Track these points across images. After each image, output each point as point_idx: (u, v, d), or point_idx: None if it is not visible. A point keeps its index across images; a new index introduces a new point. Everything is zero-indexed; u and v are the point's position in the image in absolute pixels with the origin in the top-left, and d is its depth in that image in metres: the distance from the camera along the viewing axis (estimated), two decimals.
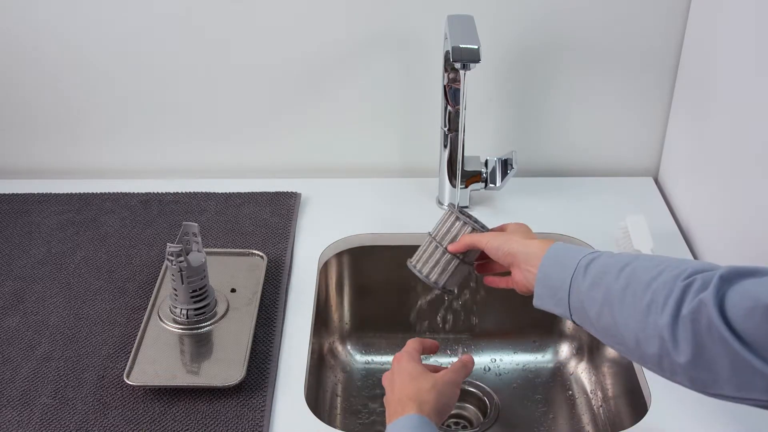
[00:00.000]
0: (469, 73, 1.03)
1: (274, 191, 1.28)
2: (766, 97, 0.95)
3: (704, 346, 0.65)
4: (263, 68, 1.25)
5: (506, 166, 1.22)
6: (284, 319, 1.05)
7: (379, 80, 1.26)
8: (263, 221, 1.22)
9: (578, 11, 1.20)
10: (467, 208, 1.25)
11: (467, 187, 1.23)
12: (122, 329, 1.03)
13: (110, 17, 1.21)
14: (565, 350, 1.24)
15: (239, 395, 0.93)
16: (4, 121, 1.31)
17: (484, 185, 1.23)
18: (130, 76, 1.26)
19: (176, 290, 0.99)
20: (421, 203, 1.28)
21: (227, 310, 1.04)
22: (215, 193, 1.28)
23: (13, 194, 1.28)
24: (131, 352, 0.97)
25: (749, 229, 1.00)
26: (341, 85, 1.27)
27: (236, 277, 1.09)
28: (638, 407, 0.97)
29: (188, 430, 0.89)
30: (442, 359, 1.25)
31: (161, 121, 1.31)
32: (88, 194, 1.29)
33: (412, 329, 1.26)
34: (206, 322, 1.02)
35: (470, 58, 1.00)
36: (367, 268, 1.23)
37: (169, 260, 0.96)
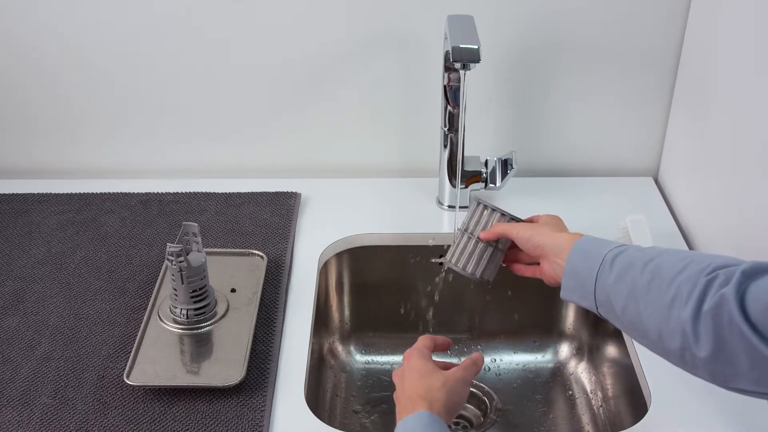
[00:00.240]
0: (469, 73, 1.03)
1: (274, 191, 1.28)
2: (766, 97, 0.95)
3: (725, 340, 0.65)
4: (263, 68, 1.25)
5: (506, 166, 1.22)
6: (284, 319, 1.05)
7: (379, 80, 1.26)
8: (263, 221, 1.22)
9: (578, 11, 1.20)
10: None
11: (467, 187, 1.23)
12: (122, 329, 1.03)
13: (110, 17, 1.21)
14: (565, 350, 1.23)
15: (239, 395, 0.93)
16: (4, 121, 1.31)
17: (484, 185, 1.23)
18: (130, 76, 1.26)
19: (176, 290, 0.99)
20: (421, 203, 1.28)
21: (227, 310, 1.04)
22: (215, 193, 1.28)
23: (13, 194, 1.28)
24: (131, 352, 0.97)
25: (749, 229, 1.00)
26: (341, 85, 1.27)
27: (236, 277, 1.09)
28: (638, 407, 0.97)
29: (188, 430, 0.89)
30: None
31: (161, 121, 1.31)
32: (88, 194, 1.28)
33: (412, 329, 1.26)
34: (206, 322, 1.02)
35: (470, 58, 1.00)
36: (367, 268, 1.23)
37: (169, 260, 0.96)
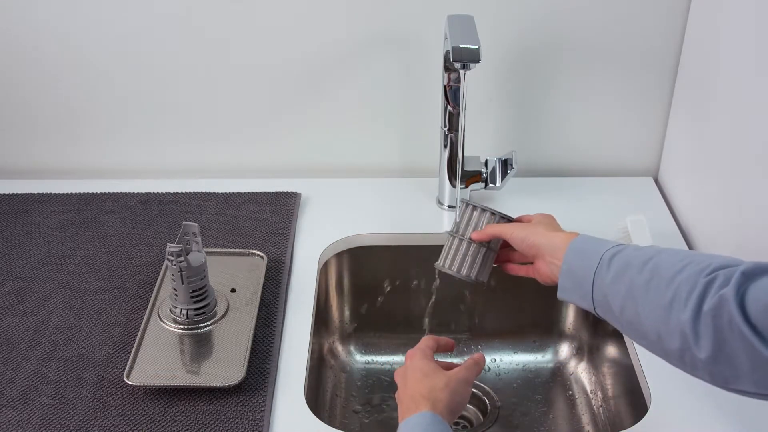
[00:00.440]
0: (469, 73, 1.02)
1: (274, 191, 1.28)
2: (766, 97, 0.95)
3: (725, 341, 0.65)
4: (263, 68, 1.25)
5: (506, 166, 1.22)
6: (284, 319, 1.05)
7: (379, 80, 1.26)
8: (263, 221, 1.22)
9: (578, 11, 1.20)
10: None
11: (467, 187, 1.23)
12: (122, 329, 1.03)
13: (110, 17, 1.21)
14: (565, 350, 1.23)
15: (239, 395, 0.93)
16: (4, 121, 1.31)
17: (484, 185, 1.23)
18: (130, 76, 1.26)
19: (176, 290, 0.99)
20: (421, 203, 1.28)
21: (227, 310, 1.04)
22: (215, 193, 1.28)
23: (13, 194, 1.28)
24: (131, 352, 0.97)
25: (749, 229, 1.00)
26: (341, 85, 1.27)
27: (236, 277, 1.09)
28: (638, 407, 0.97)
29: (188, 430, 0.89)
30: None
31: (161, 121, 1.31)
32: (88, 194, 1.28)
33: (412, 329, 1.26)
34: (206, 322, 1.02)
35: (470, 58, 1.00)
36: (367, 268, 1.23)
37: (169, 260, 0.96)
